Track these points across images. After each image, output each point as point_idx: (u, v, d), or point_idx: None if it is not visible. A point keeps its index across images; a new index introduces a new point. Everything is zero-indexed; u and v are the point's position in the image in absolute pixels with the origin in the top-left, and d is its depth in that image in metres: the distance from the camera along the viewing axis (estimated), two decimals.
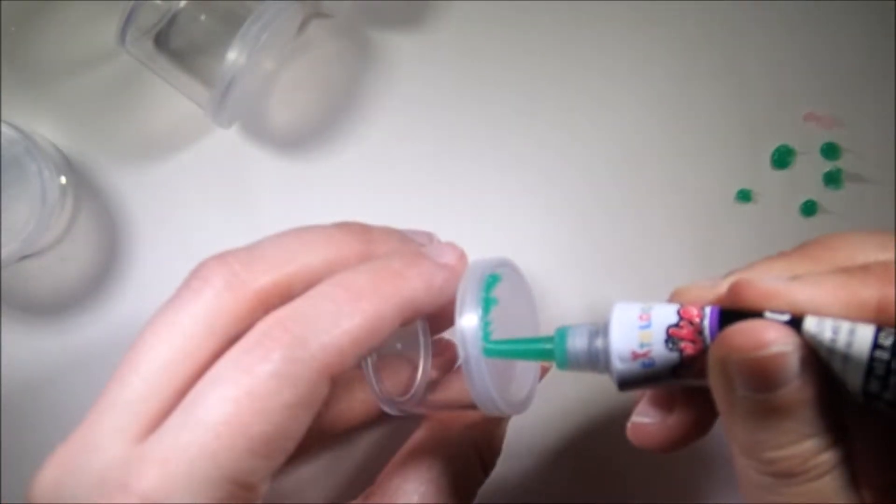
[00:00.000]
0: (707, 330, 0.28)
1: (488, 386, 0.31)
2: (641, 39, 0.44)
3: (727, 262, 0.43)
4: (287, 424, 0.27)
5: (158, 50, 0.40)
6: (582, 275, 0.43)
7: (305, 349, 0.28)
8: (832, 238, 0.29)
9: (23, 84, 0.43)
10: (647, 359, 0.28)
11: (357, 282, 0.30)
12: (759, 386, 0.26)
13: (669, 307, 0.29)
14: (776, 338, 0.26)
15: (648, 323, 0.29)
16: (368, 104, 0.44)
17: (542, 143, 0.43)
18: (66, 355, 0.42)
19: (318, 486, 0.41)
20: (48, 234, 0.40)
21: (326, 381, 0.28)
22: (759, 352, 0.26)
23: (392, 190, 0.43)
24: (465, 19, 0.44)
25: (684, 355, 0.28)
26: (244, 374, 0.27)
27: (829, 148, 0.43)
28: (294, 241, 0.32)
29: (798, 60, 0.44)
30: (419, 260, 0.32)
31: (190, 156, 0.43)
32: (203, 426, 0.27)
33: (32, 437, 0.42)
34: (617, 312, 0.29)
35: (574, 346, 0.30)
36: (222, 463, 0.26)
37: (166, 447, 0.27)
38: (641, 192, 0.43)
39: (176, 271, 0.32)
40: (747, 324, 0.26)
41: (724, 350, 0.26)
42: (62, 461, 0.29)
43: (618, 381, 0.29)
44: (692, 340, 0.28)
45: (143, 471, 0.26)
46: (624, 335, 0.29)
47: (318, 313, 0.29)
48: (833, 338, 0.25)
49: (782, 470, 0.26)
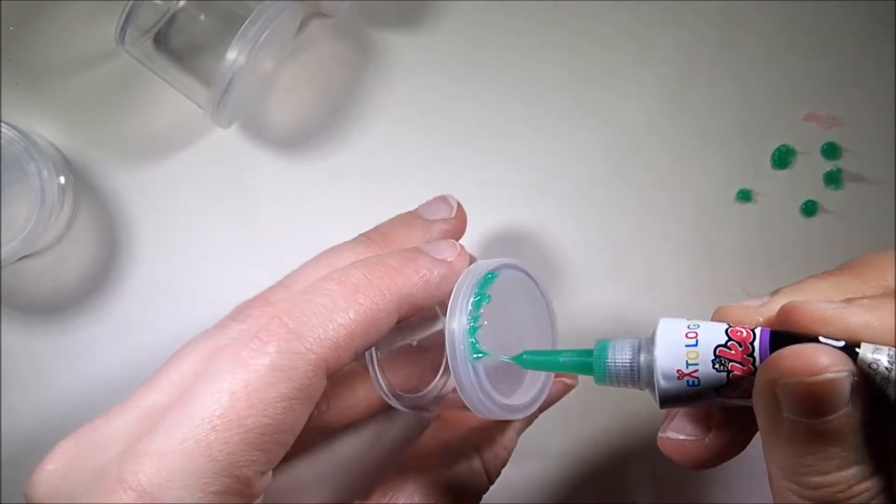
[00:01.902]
0: (758, 351, 0.27)
1: (474, 386, 0.31)
2: (641, 40, 0.44)
3: (727, 262, 0.43)
4: (284, 417, 0.28)
5: (158, 50, 0.40)
6: (582, 275, 0.43)
7: (301, 342, 0.28)
8: (880, 257, 0.29)
9: (23, 84, 0.43)
10: (692, 378, 0.28)
11: (352, 276, 0.30)
12: (809, 411, 0.26)
13: (718, 326, 0.28)
14: (830, 364, 0.25)
15: (696, 342, 0.28)
16: (368, 104, 0.43)
17: (541, 143, 0.43)
18: (66, 355, 0.42)
19: (319, 486, 0.41)
20: (48, 234, 0.40)
21: (323, 374, 0.29)
22: (812, 377, 0.25)
23: (391, 189, 0.43)
24: (465, 19, 0.44)
25: (732, 376, 0.28)
26: (240, 368, 0.28)
27: (829, 148, 0.43)
28: (323, 279, 0.31)
29: (798, 60, 0.44)
30: (416, 255, 0.32)
31: (189, 155, 0.43)
32: (199, 420, 0.27)
33: (32, 437, 0.42)
34: (662, 328, 0.29)
35: (615, 361, 0.30)
36: (218, 456, 0.27)
37: (162, 441, 0.27)
38: (641, 191, 0.43)
39: (175, 271, 0.33)
40: (801, 347, 0.26)
41: (775, 373, 0.26)
42: (65, 456, 0.29)
43: (660, 399, 0.29)
44: (741, 362, 0.27)
45: (140, 465, 0.27)
46: (670, 353, 0.28)
47: (314, 308, 0.29)
48: (889, 367, 0.25)
49: (825, 496, 0.26)
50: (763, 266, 0.43)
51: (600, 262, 0.43)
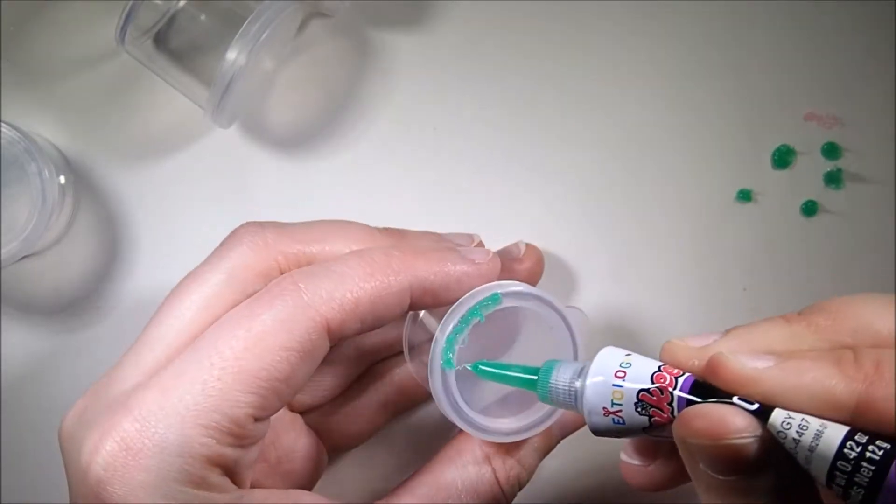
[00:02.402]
0: (676, 401, 0.27)
1: (440, 393, 0.32)
2: (642, 39, 0.44)
3: (727, 262, 0.43)
4: (279, 366, 0.30)
5: (158, 50, 0.40)
6: (581, 275, 0.43)
7: (305, 298, 0.30)
8: (839, 304, 0.28)
9: (23, 84, 0.43)
10: (617, 416, 0.28)
11: (374, 255, 0.32)
12: (719, 470, 0.26)
13: (649, 366, 0.28)
14: (738, 428, 0.25)
15: (622, 383, 0.28)
16: (368, 104, 0.43)
17: (541, 143, 0.43)
18: (66, 355, 0.42)
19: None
20: (48, 234, 0.40)
21: (323, 333, 0.30)
22: (718, 441, 0.25)
23: (391, 189, 0.43)
24: (465, 19, 0.44)
25: (653, 421, 0.28)
26: (247, 318, 0.30)
27: (829, 148, 0.43)
28: (331, 227, 0.35)
29: (798, 60, 0.44)
30: (444, 248, 0.34)
31: (189, 155, 0.43)
32: (201, 359, 0.29)
33: (32, 436, 0.42)
34: (597, 362, 0.29)
35: (556, 383, 0.30)
36: (211, 392, 0.29)
37: (167, 377, 0.30)
38: (641, 191, 0.43)
39: (175, 271, 0.33)
40: (710, 409, 0.26)
41: (683, 430, 0.26)
42: (90, 393, 0.32)
43: (592, 431, 0.29)
44: (661, 409, 0.27)
45: (145, 396, 0.29)
46: (597, 391, 0.28)
47: (328, 273, 0.31)
48: (797, 439, 0.25)
49: None
50: (763, 266, 0.43)
51: (599, 261, 0.43)
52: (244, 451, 0.30)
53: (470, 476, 0.35)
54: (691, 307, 0.43)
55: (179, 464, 0.29)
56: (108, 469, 0.29)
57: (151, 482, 0.28)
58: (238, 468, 0.30)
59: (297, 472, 0.37)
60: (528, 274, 0.39)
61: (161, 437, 0.29)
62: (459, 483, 0.35)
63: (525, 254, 0.39)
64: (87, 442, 0.29)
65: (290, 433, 0.37)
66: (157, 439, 0.29)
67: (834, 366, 0.25)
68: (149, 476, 0.28)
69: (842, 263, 0.43)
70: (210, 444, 0.29)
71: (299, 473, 0.37)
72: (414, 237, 0.37)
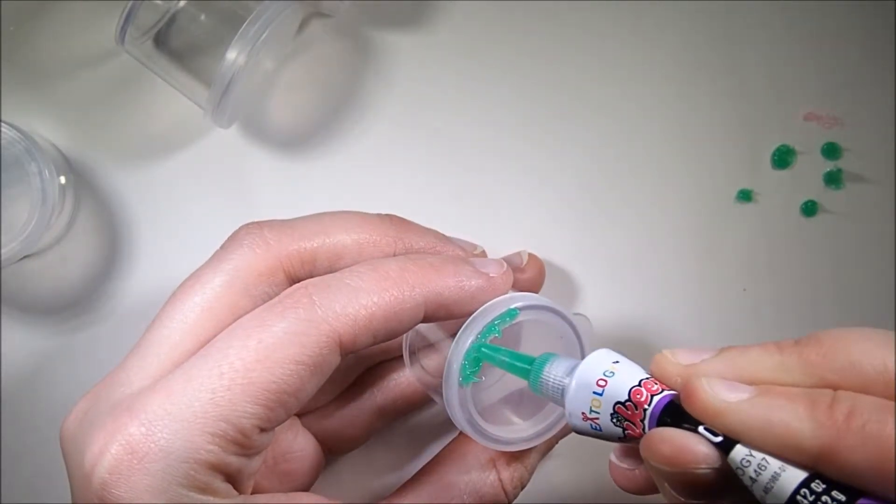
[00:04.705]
0: (647, 419, 0.28)
1: (455, 408, 0.32)
2: (642, 40, 0.44)
3: (727, 262, 0.43)
4: (289, 379, 0.29)
5: (158, 50, 0.40)
6: (581, 275, 0.43)
7: (319, 312, 0.30)
8: (833, 338, 0.27)
9: (23, 84, 0.43)
10: (595, 423, 0.29)
11: (389, 267, 0.32)
12: (679, 493, 0.26)
13: (631, 378, 0.28)
14: (697, 459, 0.26)
15: (602, 391, 0.29)
16: (368, 104, 0.43)
17: (541, 143, 0.43)
18: (66, 355, 0.42)
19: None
20: (48, 234, 0.40)
21: (335, 348, 0.30)
22: (677, 468, 0.26)
23: (392, 190, 0.43)
24: (465, 19, 0.44)
25: (627, 433, 0.28)
26: (258, 328, 0.30)
27: (829, 148, 0.43)
28: (330, 219, 0.35)
29: (798, 60, 0.44)
30: (458, 261, 0.33)
31: (189, 155, 0.43)
32: (211, 367, 0.29)
33: (32, 437, 0.42)
34: (584, 366, 0.29)
35: (548, 376, 0.31)
36: (220, 401, 0.29)
37: (175, 382, 0.29)
38: (642, 192, 0.43)
39: (175, 271, 0.33)
40: (673, 435, 0.26)
41: (647, 453, 0.27)
42: (92, 394, 0.32)
43: (573, 430, 0.30)
44: (634, 424, 0.28)
45: (151, 400, 0.29)
46: (578, 395, 0.29)
47: (342, 286, 0.31)
48: (753, 478, 0.25)
49: None
50: (763, 266, 0.43)
51: (599, 261, 0.43)
52: (248, 460, 0.30)
53: (474, 479, 0.35)
54: (691, 307, 0.43)
55: (184, 469, 0.28)
56: (112, 472, 0.29)
57: (156, 486, 0.28)
58: (241, 476, 0.30)
59: (295, 473, 0.37)
60: (530, 283, 0.39)
61: (167, 442, 0.28)
62: (463, 485, 0.35)
63: (527, 264, 0.40)
64: (91, 444, 0.29)
65: (288, 434, 0.37)
66: (163, 444, 0.28)
67: (807, 408, 0.25)
68: (154, 480, 0.28)
69: (842, 263, 0.43)
70: (215, 452, 0.29)
71: (297, 474, 0.37)
72: (416, 231, 0.37)
